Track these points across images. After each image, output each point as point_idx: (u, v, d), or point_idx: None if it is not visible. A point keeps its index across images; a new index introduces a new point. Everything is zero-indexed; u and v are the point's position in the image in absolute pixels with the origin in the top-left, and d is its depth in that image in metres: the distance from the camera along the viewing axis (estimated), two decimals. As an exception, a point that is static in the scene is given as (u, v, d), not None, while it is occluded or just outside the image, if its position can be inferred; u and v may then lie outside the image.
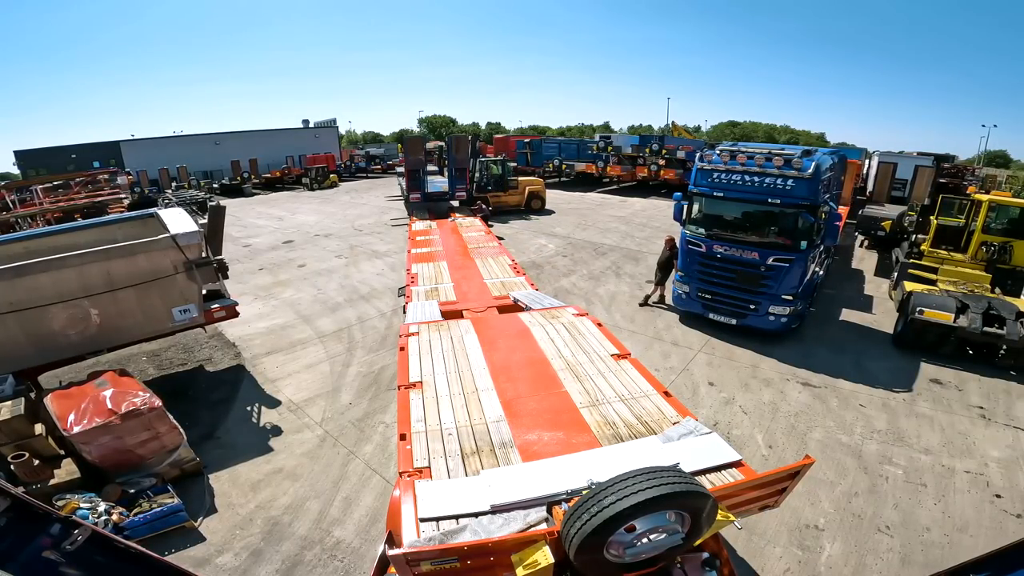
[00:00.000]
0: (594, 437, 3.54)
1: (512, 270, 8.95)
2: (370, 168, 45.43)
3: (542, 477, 3.06)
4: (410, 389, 4.25)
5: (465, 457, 3.38)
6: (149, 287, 6.74)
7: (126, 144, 45.96)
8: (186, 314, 7.16)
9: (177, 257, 6.71)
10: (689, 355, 9.17)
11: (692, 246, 9.64)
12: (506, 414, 3.84)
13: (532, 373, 4.51)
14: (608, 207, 24.08)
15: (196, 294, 7.16)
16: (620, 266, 14.12)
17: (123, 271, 6.59)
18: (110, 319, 6.79)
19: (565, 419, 3.77)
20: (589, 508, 2.35)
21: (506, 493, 2.93)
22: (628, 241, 16.98)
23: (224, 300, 8.03)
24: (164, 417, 5.67)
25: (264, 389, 8.28)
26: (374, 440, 6.87)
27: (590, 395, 4.10)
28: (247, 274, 14.60)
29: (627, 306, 11.30)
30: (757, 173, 8.52)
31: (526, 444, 3.50)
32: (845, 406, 7.58)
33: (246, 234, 20.72)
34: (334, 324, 10.61)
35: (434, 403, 4.04)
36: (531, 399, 4.10)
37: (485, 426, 3.71)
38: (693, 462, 3.14)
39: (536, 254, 15.48)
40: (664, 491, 2.32)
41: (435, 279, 8.52)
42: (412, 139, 18.90)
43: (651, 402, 3.98)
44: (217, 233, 7.79)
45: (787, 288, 9.00)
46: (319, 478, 6.14)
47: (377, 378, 8.44)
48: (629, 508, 2.28)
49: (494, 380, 4.37)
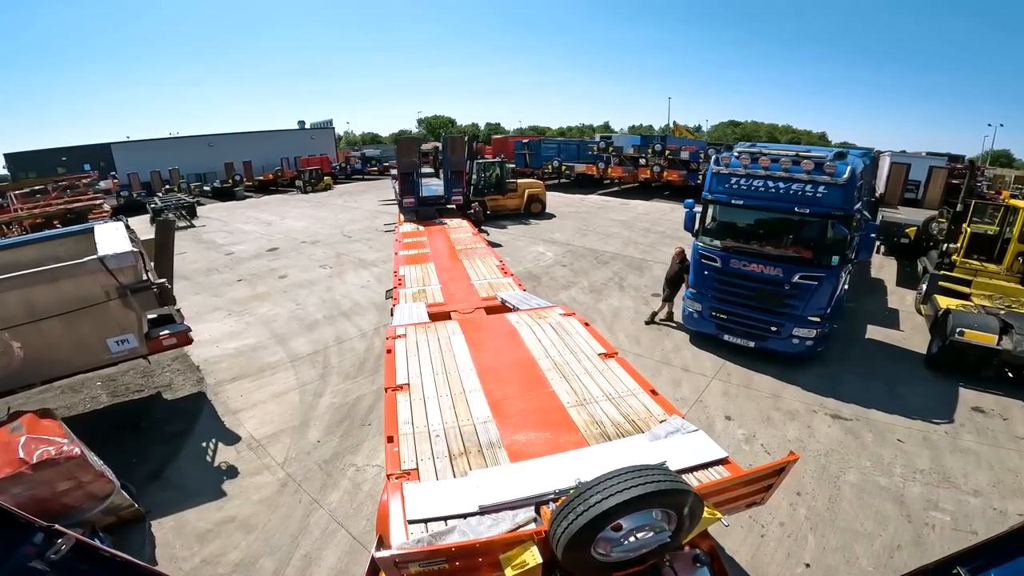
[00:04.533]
0: (582, 436, 3.53)
1: (500, 271, 8.73)
2: (366, 170, 44.48)
3: (530, 477, 3.04)
4: (397, 391, 4.20)
5: (453, 458, 3.35)
6: (77, 316, 5.78)
7: (117, 146, 45.05)
8: (124, 345, 6.22)
9: (108, 281, 5.75)
10: (702, 383, 8.21)
11: (706, 260, 8.66)
12: (494, 415, 3.82)
13: (520, 374, 4.47)
14: (609, 210, 23.11)
15: (134, 323, 6.20)
16: (623, 277, 13.13)
17: (46, 298, 5.65)
18: (35, 352, 5.86)
19: (553, 419, 3.76)
20: (576, 507, 2.34)
21: (494, 494, 2.91)
22: (631, 248, 15.99)
23: (175, 326, 7.09)
24: (86, 466, 4.96)
25: (224, 422, 7.43)
26: (342, 486, 6.02)
27: (577, 394, 4.06)
28: (224, 286, 13.65)
29: (632, 324, 10.33)
30: (782, 178, 7.54)
31: (514, 444, 3.48)
32: (881, 441, 6.69)
33: (231, 240, 19.79)
34: (310, 345, 9.65)
35: (421, 405, 4.00)
36: (519, 399, 4.06)
37: (473, 427, 3.68)
38: (680, 460, 3.13)
39: (534, 263, 14.50)
40: (650, 489, 2.32)
41: (423, 281, 8.31)
42: (405, 140, 17.85)
43: (638, 400, 3.95)
44: (166, 251, 6.86)
45: (815, 309, 8.04)
46: (276, 531, 5.41)
47: (351, 411, 7.50)
48: (615, 506, 2.29)
49: (482, 381, 4.32)
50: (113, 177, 30.94)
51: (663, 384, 8.11)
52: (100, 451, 6.62)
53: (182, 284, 14.05)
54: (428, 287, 7.95)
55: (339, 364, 8.88)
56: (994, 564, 1.50)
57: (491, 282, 8.05)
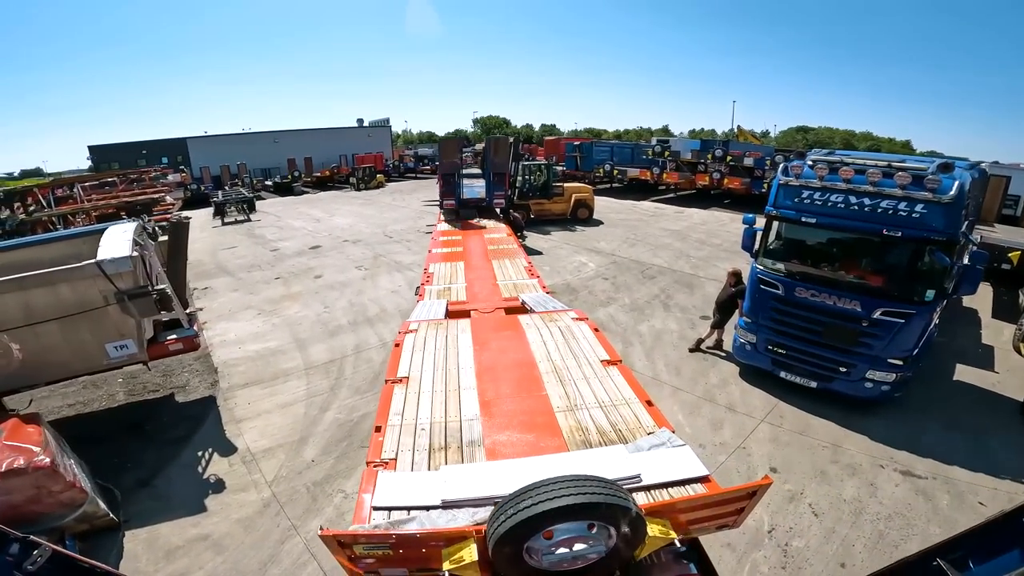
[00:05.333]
0: (563, 442, 3.48)
1: (527, 272, 8.59)
2: (419, 168, 44.87)
3: (499, 477, 3.02)
4: (396, 384, 4.24)
5: (432, 452, 3.36)
6: (75, 320, 5.56)
7: (192, 141, 47.93)
8: (123, 351, 5.99)
9: (106, 286, 5.48)
10: (748, 426, 7.09)
11: (766, 286, 7.46)
12: (482, 413, 3.81)
13: (516, 374, 4.43)
14: (662, 218, 21.69)
15: (133, 328, 5.93)
16: (670, 295, 11.93)
17: (44, 302, 5.47)
18: (34, 355, 5.71)
19: (539, 422, 3.72)
20: (507, 510, 2.33)
21: (459, 489, 2.92)
22: (682, 262, 14.68)
23: (183, 331, 6.81)
24: (56, 476, 4.86)
25: (226, 431, 7.19)
26: (325, 513, 5.60)
27: (569, 399, 4.00)
28: (262, 284, 13.69)
29: (674, 350, 9.22)
30: (869, 193, 6.26)
31: (494, 444, 3.47)
32: (959, 504, 5.56)
33: (279, 236, 20.17)
34: (327, 353, 9.27)
35: (415, 398, 4.02)
36: (509, 400, 4.03)
37: (459, 424, 3.68)
38: (657, 474, 3.05)
39: (573, 275, 13.56)
40: (580, 501, 2.28)
41: (450, 279, 8.30)
42: (447, 141, 17.36)
43: (630, 410, 3.85)
44: (179, 254, 6.57)
45: (898, 350, 6.71)
46: (246, 555, 5.13)
47: (353, 430, 7.01)
48: (539, 515, 2.25)
49: (478, 379, 4.31)
50: (182, 171, 32.66)
51: (702, 425, 7.09)
52: (101, 451, 6.65)
53: (225, 280, 14.33)
54: (454, 285, 7.91)
55: (352, 376, 8.42)
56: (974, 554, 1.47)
57: (516, 283, 7.94)
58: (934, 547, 1.58)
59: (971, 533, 1.57)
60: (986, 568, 1.50)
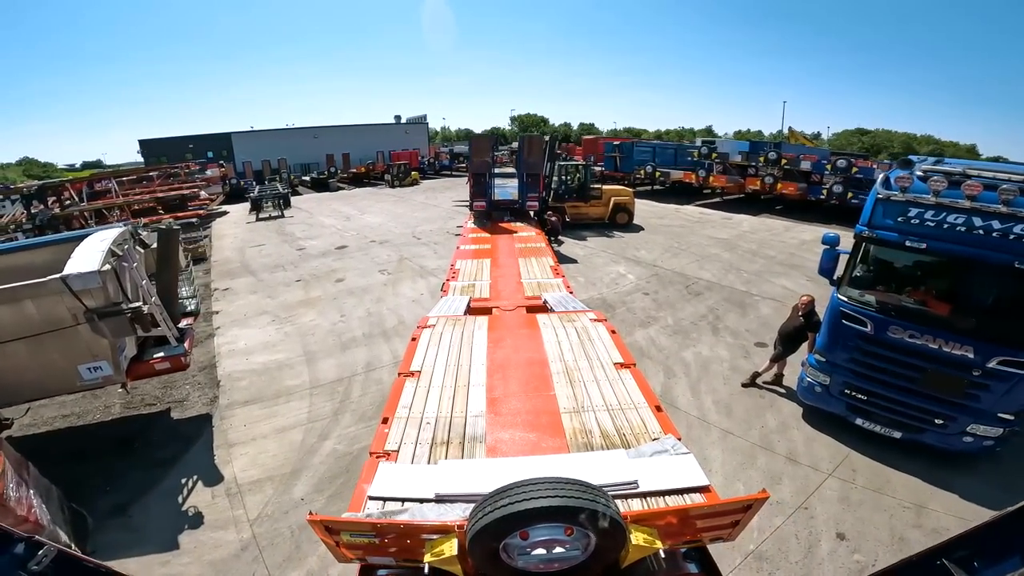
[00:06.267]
0: (564, 443, 3.41)
1: (552, 271, 8.49)
2: (454, 166, 44.31)
3: (494, 475, 2.90)
4: (408, 377, 4.24)
5: (434, 446, 3.35)
6: (42, 340, 4.90)
7: (237, 136, 49.00)
8: (96, 373, 5.35)
9: (74, 304, 4.79)
10: (813, 480, 5.92)
11: (850, 321, 6.15)
12: (487, 410, 3.79)
13: (527, 373, 4.39)
14: (708, 225, 20.11)
15: (107, 349, 5.25)
16: (720, 316, 10.60)
17: (8, 320, 4.80)
18: (3, 374, 5.08)
19: (543, 422, 3.66)
20: (484, 507, 2.30)
21: (454, 484, 2.89)
22: (732, 276, 13.25)
23: (171, 349, 6.11)
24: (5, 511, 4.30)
25: (216, 456, 6.56)
26: (306, 565, 4.89)
27: (577, 401, 3.93)
28: (282, 286, 13.16)
29: (724, 384, 7.97)
30: (1001, 215, 4.92)
31: (496, 442, 3.43)
32: None
33: (308, 234, 19.81)
34: (336, 370, 8.51)
35: (424, 393, 4.02)
36: (517, 399, 3.99)
37: (464, 419, 3.66)
38: (655, 481, 2.93)
39: (610, 288, 12.37)
40: (554, 504, 2.24)
41: (475, 276, 8.31)
42: (478, 138, 16.26)
43: (637, 414, 3.72)
44: (167, 264, 5.89)
45: (1013, 405, 5.43)
46: None
47: (351, 464, 6.21)
48: (514, 515, 2.23)
49: (488, 377, 4.30)
50: (221, 165, 33.04)
51: (756, 479, 5.95)
52: (84, 469, 6.12)
53: (246, 280, 13.91)
54: (478, 282, 7.90)
55: (359, 400, 7.60)
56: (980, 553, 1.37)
57: (540, 282, 7.86)
58: (939, 546, 1.44)
59: (977, 532, 1.44)
60: (992, 568, 1.37)
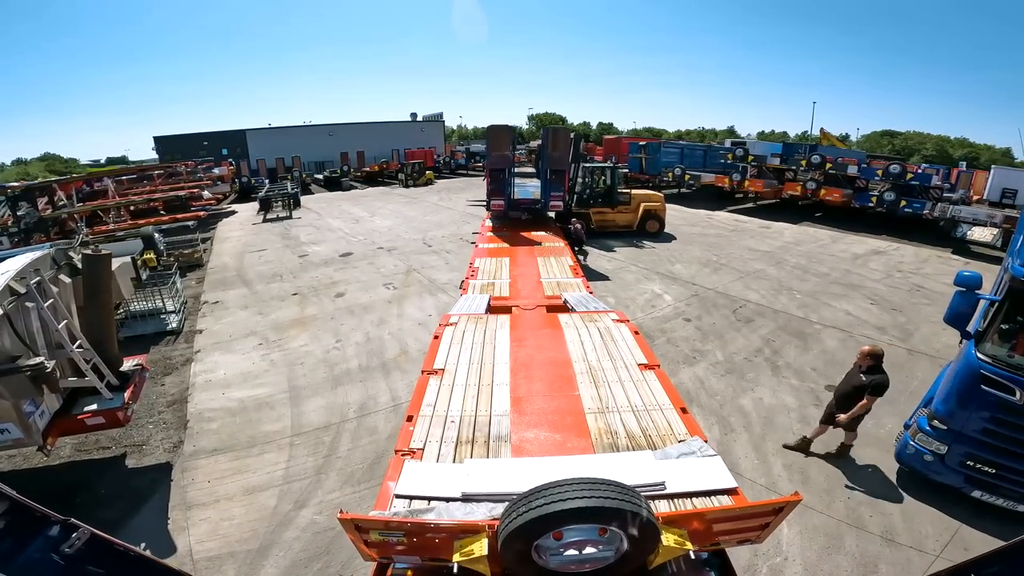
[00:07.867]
0: (590, 443, 3.36)
1: (571, 271, 8.47)
2: (470, 165, 42.95)
3: (521, 475, 2.91)
4: (431, 375, 4.21)
5: (459, 445, 3.32)
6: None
7: (251, 133, 48.41)
8: (3, 435, 4.06)
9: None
10: (917, 565, 4.56)
11: (992, 387, 4.59)
12: (512, 410, 3.73)
13: (551, 373, 4.32)
14: (745, 234, 18.38)
15: (10, 411, 3.98)
16: (777, 349, 9.00)
17: None
18: None
19: (568, 422, 3.60)
20: (518, 508, 2.31)
21: (481, 484, 2.87)
22: (784, 298, 11.58)
23: (106, 402, 4.82)
24: None
25: (170, 520, 5.31)
26: None
27: (602, 401, 3.84)
28: (276, 300, 11.90)
29: (794, 437, 6.40)
30: None
31: (520, 441, 3.40)
32: None
33: (313, 239, 18.61)
34: (324, 413, 7.16)
35: (448, 391, 3.98)
36: (541, 398, 3.93)
37: (488, 418, 3.61)
38: (682, 483, 2.88)
39: (646, 312, 10.80)
40: (591, 504, 2.23)
41: (494, 274, 8.27)
42: (497, 127, 14.45)
43: (663, 416, 3.64)
44: (96, 297, 4.57)
45: None
46: None
47: (332, 545, 4.89)
48: (549, 515, 2.22)
49: (512, 376, 4.24)
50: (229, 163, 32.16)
51: (846, 566, 4.59)
52: None
53: (239, 292, 12.68)
54: (498, 281, 7.88)
55: (347, 454, 6.24)
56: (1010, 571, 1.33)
57: (560, 281, 7.82)
58: (969, 562, 1.40)
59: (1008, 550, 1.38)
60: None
